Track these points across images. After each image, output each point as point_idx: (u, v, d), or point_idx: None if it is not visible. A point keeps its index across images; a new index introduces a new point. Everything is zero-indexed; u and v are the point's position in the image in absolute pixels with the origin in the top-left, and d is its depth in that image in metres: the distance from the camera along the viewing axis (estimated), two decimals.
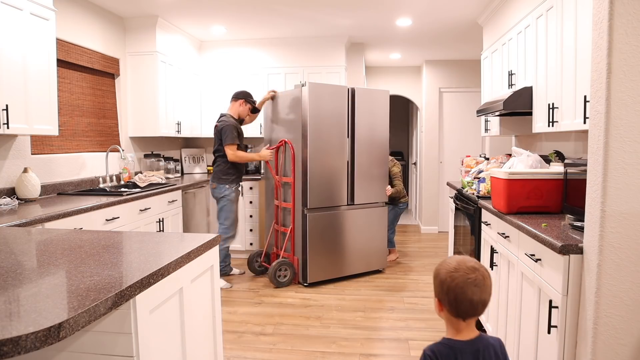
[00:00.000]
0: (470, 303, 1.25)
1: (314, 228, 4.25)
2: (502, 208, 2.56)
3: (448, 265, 1.31)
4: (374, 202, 4.61)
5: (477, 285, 1.25)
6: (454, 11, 4.33)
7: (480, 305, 1.27)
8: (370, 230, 4.59)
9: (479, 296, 1.25)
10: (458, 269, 1.28)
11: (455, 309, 1.28)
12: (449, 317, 1.31)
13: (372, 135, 4.53)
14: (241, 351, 2.97)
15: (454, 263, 1.30)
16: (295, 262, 4.20)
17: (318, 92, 4.18)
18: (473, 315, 1.28)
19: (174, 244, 1.72)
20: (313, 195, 4.22)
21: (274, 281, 4.17)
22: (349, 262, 4.48)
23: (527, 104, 3.09)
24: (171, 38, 4.85)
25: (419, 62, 6.92)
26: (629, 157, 1.63)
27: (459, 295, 1.25)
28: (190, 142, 6.05)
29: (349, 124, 4.40)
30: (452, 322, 1.31)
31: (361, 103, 4.44)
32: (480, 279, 1.26)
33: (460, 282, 1.26)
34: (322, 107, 4.20)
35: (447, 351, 1.29)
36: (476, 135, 6.71)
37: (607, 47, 1.62)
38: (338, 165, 4.35)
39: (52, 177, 3.55)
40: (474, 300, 1.25)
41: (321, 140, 4.24)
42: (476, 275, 1.26)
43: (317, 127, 4.19)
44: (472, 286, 1.25)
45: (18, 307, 1.07)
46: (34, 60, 2.92)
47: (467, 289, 1.25)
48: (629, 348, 1.68)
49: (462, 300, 1.25)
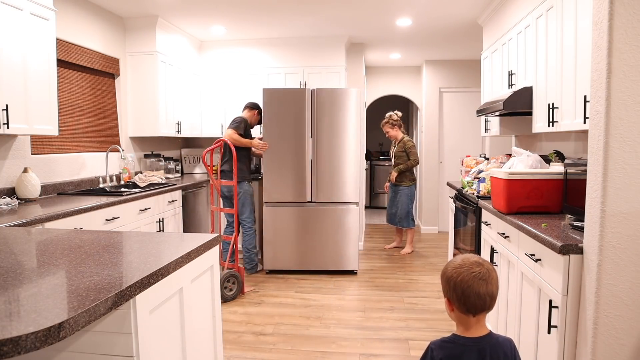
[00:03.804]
0: (478, 296, 1.27)
1: (270, 220, 4.64)
2: (502, 208, 2.56)
3: (453, 263, 1.34)
4: (341, 201, 4.58)
5: (483, 279, 1.28)
6: (454, 11, 4.33)
7: (488, 298, 1.28)
8: (339, 228, 4.61)
9: (485, 289, 1.28)
10: (463, 265, 1.31)
11: (463, 304, 1.29)
12: (459, 315, 1.33)
13: (337, 135, 4.55)
14: (241, 351, 2.97)
15: (459, 260, 1.34)
16: (242, 273, 4.01)
17: (275, 96, 4.55)
18: (482, 309, 1.30)
19: (174, 244, 1.72)
20: (268, 192, 4.63)
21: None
22: (314, 257, 4.61)
23: (527, 104, 3.09)
24: (171, 38, 4.85)
25: (419, 62, 6.92)
26: (629, 157, 1.63)
27: (465, 289, 1.28)
28: (190, 142, 6.05)
29: (312, 124, 4.54)
30: (462, 320, 1.32)
31: (324, 104, 4.52)
32: (485, 272, 1.29)
33: (465, 276, 1.28)
34: (279, 109, 4.56)
35: (452, 346, 1.31)
36: (476, 135, 6.71)
37: (607, 47, 1.62)
38: (299, 165, 4.58)
39: (52, 177, 3.55)
40: (481, 293, 1.27)
41: (278, 141, 4.59)
42: (480, 269, 1.29)
43: (273, 129, 4.57)
44: (477, 279, 1.28)
45: (18, 307, 1.07)
46: (34, 60, 2.92)
47: (473, 283, 1.28)
48: (629, 348, 1.68)
49: (469, 295, 1.28)
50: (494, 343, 1.32)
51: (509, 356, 1.32)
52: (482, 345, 1.30)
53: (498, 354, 1.30)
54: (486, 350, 1.29)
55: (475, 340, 1.31)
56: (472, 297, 1.28)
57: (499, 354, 1.30)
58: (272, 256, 4.67)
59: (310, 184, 4.61)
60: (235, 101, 5.52)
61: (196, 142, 6.04)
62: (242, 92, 5.51)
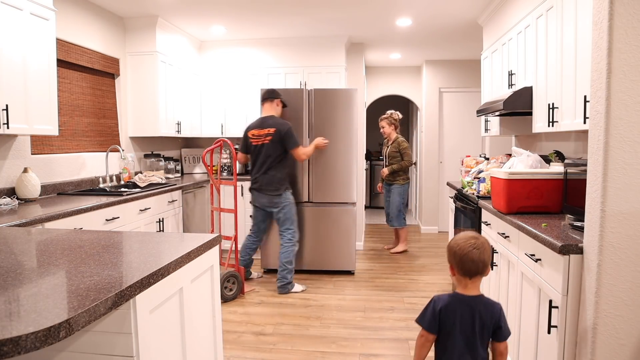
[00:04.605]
0: (472, 262, 1.62)
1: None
2: (502, 208, 2.56)
3: (456, 237, 1.71)
4: (339, 201, 4.57)
5: (477, 248, 1.63)
6: (454, 11, 4.33)
7: (481, 264, 1.63)
8: (337, 229, 4.61)
9: (479, 256, 1.62)
10: (462, 238, 1.67)
11: (461, 268, 1.65)
12: (459, 277, 1.68)
13: (334, 135, 4.54)
14: (241, 351, 2.97)
15: (461, 235, 1.69)
16: (242, 272, 4.00)
17: None
18: (476, 272, 1.64)
19: (174, 244, 1.72)
20: None
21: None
22: (313, 257, 4.59)
23: (527, 104, 3.09)
24: (171, 38, 4.85)
25: (419, 62, 6.92)
26: (629, 157, 1.63)
27: (463, 256, 1.63)
28: (190, 142, 6.05)
29: (310, 124, 4.53)
30: (461, 281, 1.68)
31: (322, 104, 4.52)
32: (480, 244, 1.64)
33: (463, 246, 1.64)
34: None
35: (451, 300, 1.66)
36: (476, 135, 6.71)
37: (607, 47, 1.62)
38: (296, 165, 4.53)
39: (52, 177, 3.55)
40: (475, 259, 1.62)
41: None
42: (476, 241, 1.65)
43: None
44: (473, 248, 1.62)
45: (18, 307, 1.07)
46: (34, 60, 2.92)
47: (469, 251, 1.62)
48: (629, 348, 1.68)
49: (465, 260, 1.63)
50: (485, 303, 1.66)
51: (495, 317, 1.64)
52: (474, 303, 1.65)
53: (486, 311, 1.63)
54: (476, 307, 1.64)
55: (469, 297, 1.65)
56: (468, 262, 1.63)
57: (486, 312, 1.63)
58: (271, 256, 4.67)
59: (308, 185, 4.61)
60: (235, 101, 5.52)
61: (196, 142, 6.04)
62: (242, 92, 5.51)
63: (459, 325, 1.63)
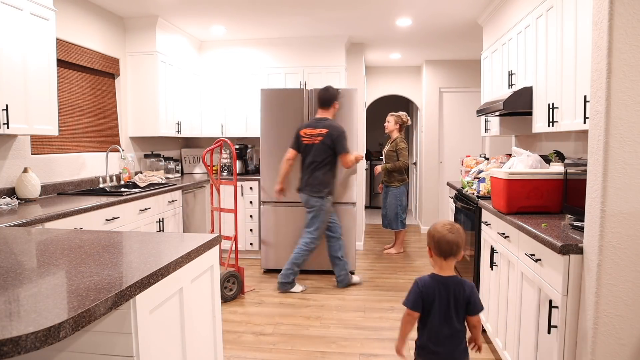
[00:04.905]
0: (448, 243, 1.86)
1: (268, 219, 4.66)
2: (502, 208, 2.56)
3: (435, 224, 1.94)
4: (338, 201, 4.55)
5: (452, 232, 1.87)
6: (454, 11, 4.33)
7: (455, 246, 1.86)
8: None
9: (453, 239, 1.86)
10: (439, 223, 1.92)
11: (438, 249, 1.89)
12: (436, 258, 1.91)
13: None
14: (241, 351, 2.97)
15: (439, 222, 1.94)
16: (242, 272, 4.00)
17: (272, 97, 4.58)
18: (450, 254, 1.87)
19: (174, 244, 1.72)
20: (266, 191, 4.66)
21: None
22: (313, 257, 4.56)
23: (527, 104, 3.09)
24: (171, 38, 4.85)
25: (419, 62, 6.92)
26: (629, 157, 1.63)
27: (440, 239, 1.87)
28: (190, 142, 6.05)
29: None
30: (437, 261, 1.91)
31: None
32: (455, 229, 1.88)
33: (441, 230, 1.88)
34: (277, 110, 4.58)
35: (431, 281, 1.90)
36: (476, 135, 6.71)
37: (607, 47, 1.62)
38: (296, 165, 4.48)
39: (52, 177, 3.55)
40: (450, 241, 1.86)
41: (276, 141, 4.61)
42: (451, 227, 1.89)
43: (271, 129, 4.61)
44: (448, 233, 1.87)
45: (18, 307, 1.07)
46: (34, 60, 2.92)
47: (445, 234, 1.87)
48: (629, 348, 1.68)
49: (442, 242, 1.87)
50: (458, 281, 1.89)
51: (467, 294, 1.87)
52: (449, 282, 1.88)
53: (459, 289, 1.87)
54: (451, 286, 1.88)
55: (445, 277, 1.89)
56: (444, 244, 1.86)
57: (459, 290, 1.87)
58: (271, 256, 4.67)
59: None
60: (235, 101, 5.52)
61: (196, 142, 6.04)
62: (242, 92, 5.51)
63: (438, 302, 1.88)
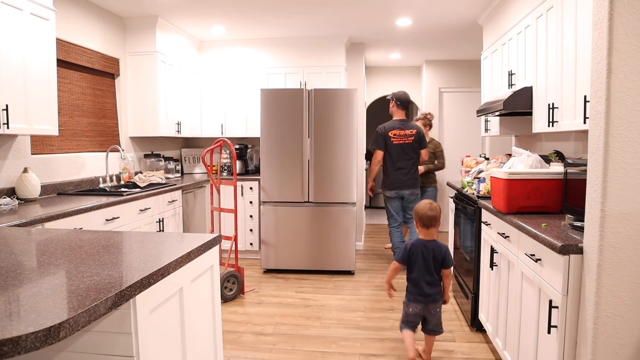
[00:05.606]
0: (428, 217, 2.67)
1: (268, 219, 4.68)
2: (502, 208, 2.56)
3: (419, 204, 2.74)
4: (338, 201, 4.57)
5: (431, 210, 2.67)
6: (454, 11, 4.33)
7: (433, 219, 2.67)
8: (336, 229, 4.60)
9: (432, 214, 2.67)
10: (423, 203, 2.71)
11: (421, 221, 2.69)
12: (420, 229, 2.72)
13: (334, 135, 4.54)
14: (241, 351, 2.97)
15: (422, 202, 2.73)
16: (242, 272, 4.00)
17: (272, 97, 4.59)
18: (429, 225, 2.68)
19: (174, 244, 1.72)
20: (266, 191, 4.67)
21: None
22: (313, 257, 4.60)
23: (527, 104, 3.09)
24: (171, 38, 4.85)
25: (419, 62, 6.92)
26: (629, 157, 1.63)
27: (422, 214, 2.68)
28: (190, 142, 6.05)
29: (309, 124, 4.54)
30: (421, 230, 2.72)
31: (322, 104, 4.52)
32: (433, 207, 2.68)
33: (422, 207, 2.69)
34: (277, 110, 4.59)
35: (416, 243, 2.69)
36: (476, 135, 6.71)
37: (607, 47, 1.62)
38: (296, 164, 4.55)
39: (52, 177, 3.55)
40: (430, 216, 2.67)
41: (276, 141, 4.62)
42: (430, 205, 2.69)
43: (271, 129, 4.61)
44: (428, 210, 2.67)
45: (18, 307, 1.07)
46: (34, 60, 2.92)
47: (426, 211, 2.67)
48: (629, 348, 1.68)
49: (424, 217, 2.68)
50: (436, 245, 2.68)
51: (442, 252, 2.67)
52: (430, 244, 2.69)
53: (437, 249, 2.67)
54: (430, 247, 2.67)
55: (427, 241, 2.70)
56: (425, 218, 2.67)
57: (437, 249, 2.67)
58: (271, 256, 4.67)
59: (307, 185, 4.61)
60: (235, 101, 5.52)
61: (196, 142, 6.04)
62: (242, 92, 5.51)
63: (420, 258, 2.67)
